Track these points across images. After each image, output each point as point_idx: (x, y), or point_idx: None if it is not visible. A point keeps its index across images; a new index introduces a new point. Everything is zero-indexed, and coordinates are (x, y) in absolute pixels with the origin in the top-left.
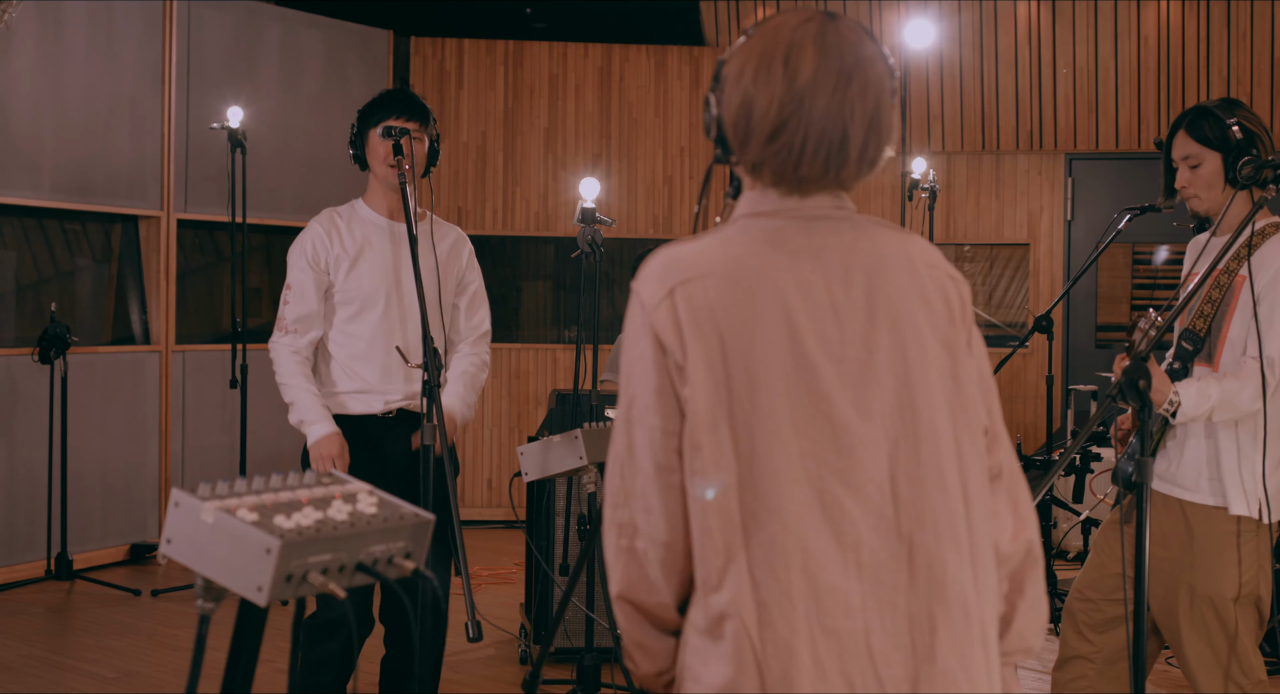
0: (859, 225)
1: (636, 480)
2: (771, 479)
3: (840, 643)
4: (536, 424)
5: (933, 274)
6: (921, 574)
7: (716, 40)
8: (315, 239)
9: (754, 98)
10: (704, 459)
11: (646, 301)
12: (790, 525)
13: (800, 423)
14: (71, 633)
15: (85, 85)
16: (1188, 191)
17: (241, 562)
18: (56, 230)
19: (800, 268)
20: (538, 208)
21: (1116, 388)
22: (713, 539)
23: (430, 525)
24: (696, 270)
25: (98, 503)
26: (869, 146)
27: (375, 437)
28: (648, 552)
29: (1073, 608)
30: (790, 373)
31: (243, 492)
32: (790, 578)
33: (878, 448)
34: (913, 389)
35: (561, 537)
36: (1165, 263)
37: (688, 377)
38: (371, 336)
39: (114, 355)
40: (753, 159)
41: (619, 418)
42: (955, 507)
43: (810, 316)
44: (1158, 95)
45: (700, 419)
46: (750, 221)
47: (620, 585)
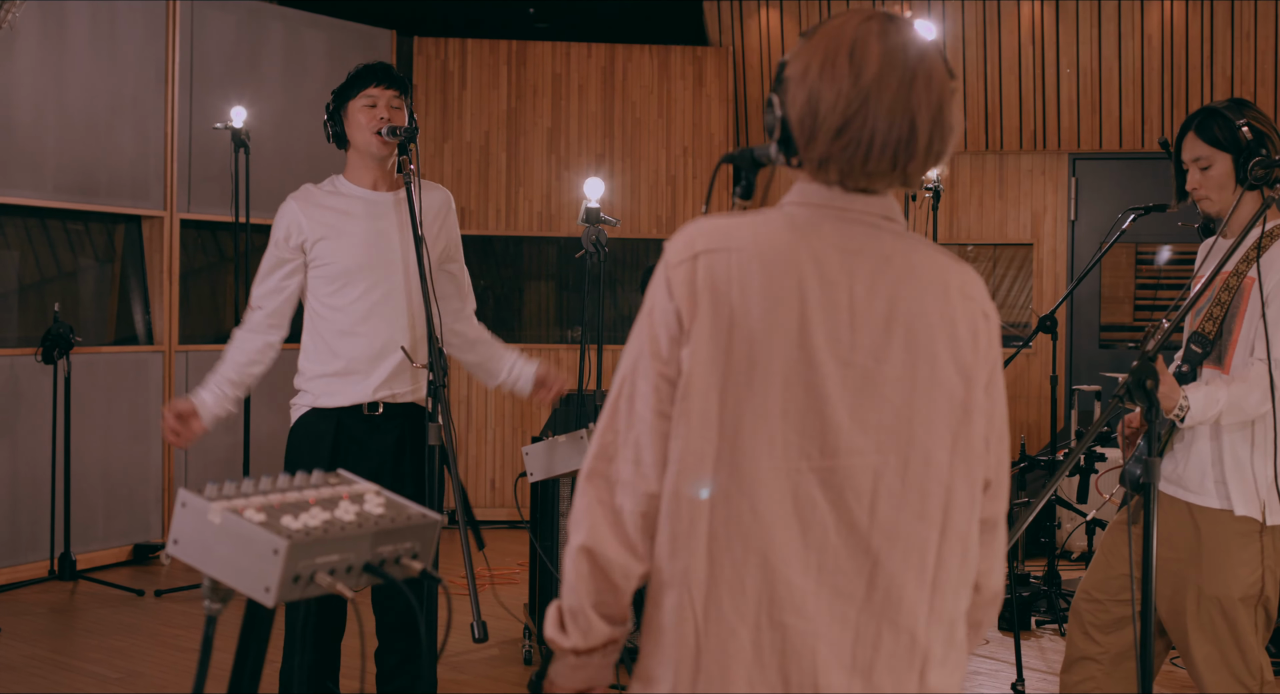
0: (902, 239)
1: (633, 430)
2: (750, 460)
3: (786, 639)
4: (540, 424)
5: (967, 305)
6: (879, 594)
7: (720, 40)
8: (289, 217)
9: (820, 93)
10: (690, 425)
11: (670, 260)
12: (759, 510)
13: (791, 413)
14: (75, 633)
15: (88, 85)
16: (1199, 193)
17: (249, 562)
18: (59, 230)
19: (828, 264)
20: (541, 208)
21: (1124, 388)
22: (679, 505)
23: (438, 526)
24: (725, 243)
25: (100, 503)
26: (934, 140)
27: (356, 432)
28: (626, 505)
29: (1079, 609)
30: (792, 363)
31: (250, 492)
32: (747, 561)
33: (865, 459)
34: (914, 410)
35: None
36: (1168, 263)
37: (690, 337)
38: (356, 312)
39: (117, 355)
40: (819, 155)
41: (622, 370)
42: (929, 536)
43: (825, 313)
44: (1161, 95)
45: (694, 384)
46: (794, 209)
47: (586, 536)
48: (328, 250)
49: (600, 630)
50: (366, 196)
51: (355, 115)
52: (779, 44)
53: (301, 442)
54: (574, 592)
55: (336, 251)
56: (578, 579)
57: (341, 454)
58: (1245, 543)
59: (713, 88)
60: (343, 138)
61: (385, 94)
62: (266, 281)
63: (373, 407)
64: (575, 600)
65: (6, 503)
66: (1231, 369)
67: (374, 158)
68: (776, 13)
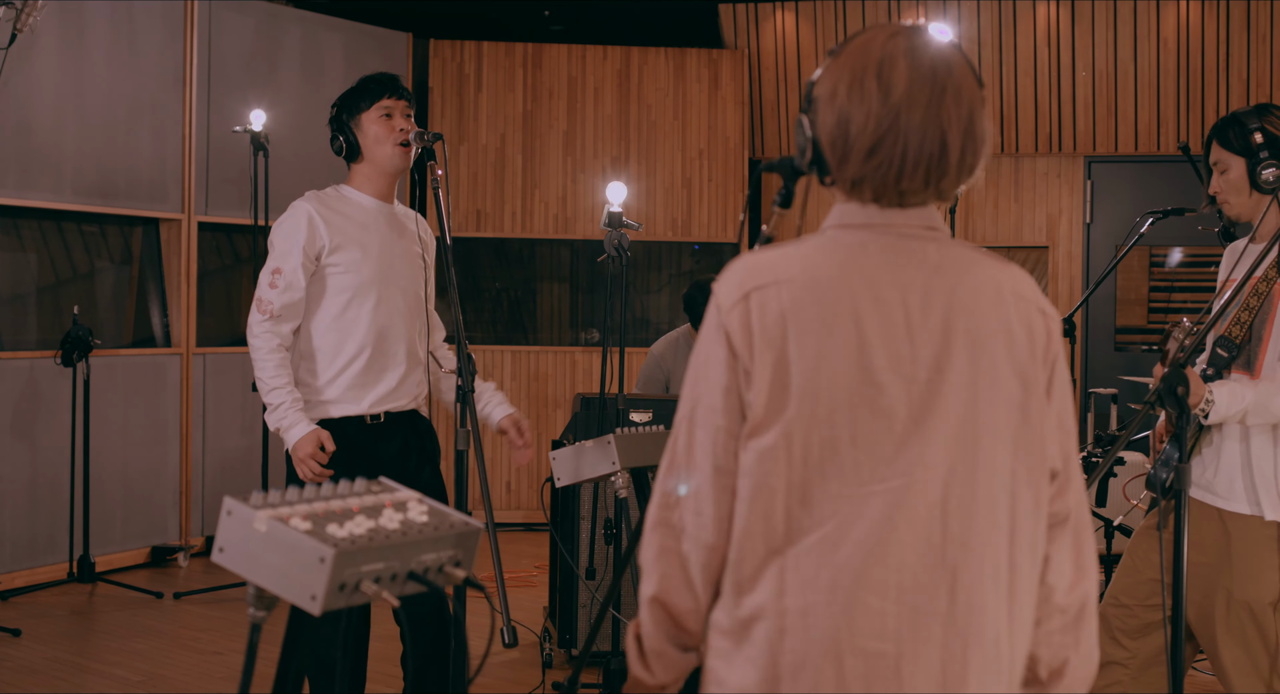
0: (948, 247)
1: (692, 480)
2: (822, 490)
3: (868, 663)
4: (555, 426)
5: (1021, 305)
6: (961, 606)
7: (735, 43)
8: (310, 220)
9: (850, 115)
10: (759, 463)
11: (722, 304)
12: (834, 539)
13: (859, 438)
14: (95, 635)
15: (107, 88)
16: (1220, 197)
17: (295, 570)
18: (77, 233)
19: (879, 284)
20: (557, 210)
21: (1155, 394)
22: (753, 542)
23: (479, 534)
24: (774, 276)
25: (118, 505)
26: (966, 154)
27: (361, 442)
28: (691, 554)
29: (1107, 614)
30: (855, 387)
31: (294, 500)
32: (827, 591)
33: (934, 472)
34: (978, 418)
35: (587, 540)
36: (1180, 265)
37: (753, 381)
38: (365, 326)
39: (135, 358)
40: (852, 176)
41: (681, 418)
42: (1000, 542)
43: (883, 333)
44: (1177, 98)
45: (758, 422)
46: (838, 233)
47: (657, 587)
48: (344, 261)
49: (684, 663)
50: (377, 207)
51: (370, 127)
52: (794, 47)
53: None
54: (652, 636)
55: (353, 263)
56: (655, 627)
57: (354, 465)
58: (1275, 548)
59: (728, 90)
60: (355, 149)
61: (399, 105)
62: (291, 290)
63: (375, 416)
64: (658, 644)
65: (25, 505)
66: (1262, 374)
67: (393, 170)
68: (792, 15)
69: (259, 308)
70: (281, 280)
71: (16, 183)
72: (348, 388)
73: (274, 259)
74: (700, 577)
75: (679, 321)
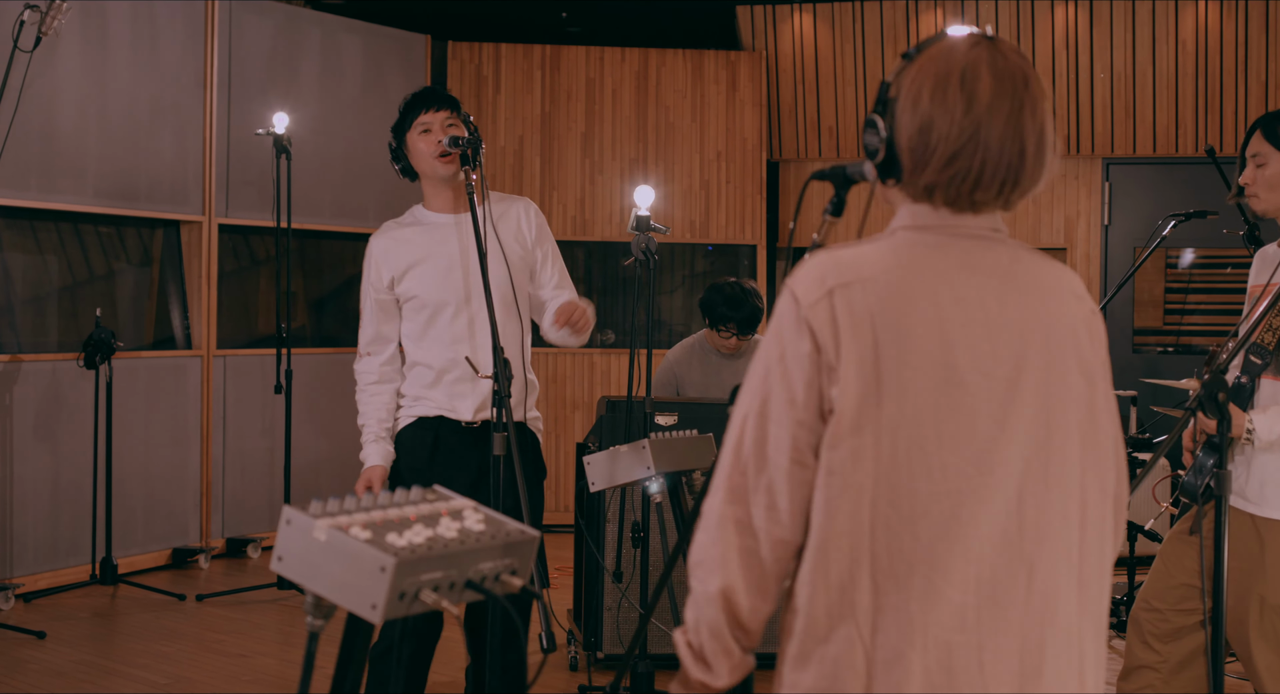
0: (1014, 249)
1: (764, 475)
2: (909, 488)
3: (953, 656)
4: (575, 428)
5: (1079, 306)
6: (1037, 597)
7: (753, 44)
8: (376, 256)
9: (933, 121)
10: (845, 460)
11: (803, 299)
12: (921, 536)
13: (944, 435)
14: (120, 638)
15: (129, 90)
16: (1250, 189)
17: (355, 579)
18: (99, 235)
19: (958, 283)
20: (575, 212)
21: (1196, 400)
22: (839, 541)
23: (535, 542)
24: (857, 275)
25: (140, 507)
26: (1038, 166)
27: (455, 444)
28: (762, 550)
29: (1138, 618)
30: (939, 385)
31: (353, 509)
32: (912, 587)
33: (1013, 468)
34: (1051, 413)
35: (614, 542)
36: (1196, 266)
37: (838, 377)
38: (449, 340)
39: (156, 360)
40: (926, 182)
41: (748, 413)
42: (1072, 535)
43: (964, 332)
44: (1195, 100)
45: (845, 420)
46: (911, 234)
47: (725, 582)
48: (415, 284)
49: (746, 664)
50: (446, 221)
51: (414, 145)
52: (812, 48)
53: (401, 449)
54: (719, 635)
55: (422, 284)
56: (719, 623)
57: (439, 464)
58: None
59: (746, 92)
60: (411, 171)
61: (437, 117)
62: (370, 327)
63: (470, 422)
64: (724, 643)
65: (48, 507)
66: None
67: (442, 180)
68: (810, 17)
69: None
70: (364, 319)
71: (39, 186)
72: (441, 395)
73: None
74: (773, 571)
75: (694, 323)
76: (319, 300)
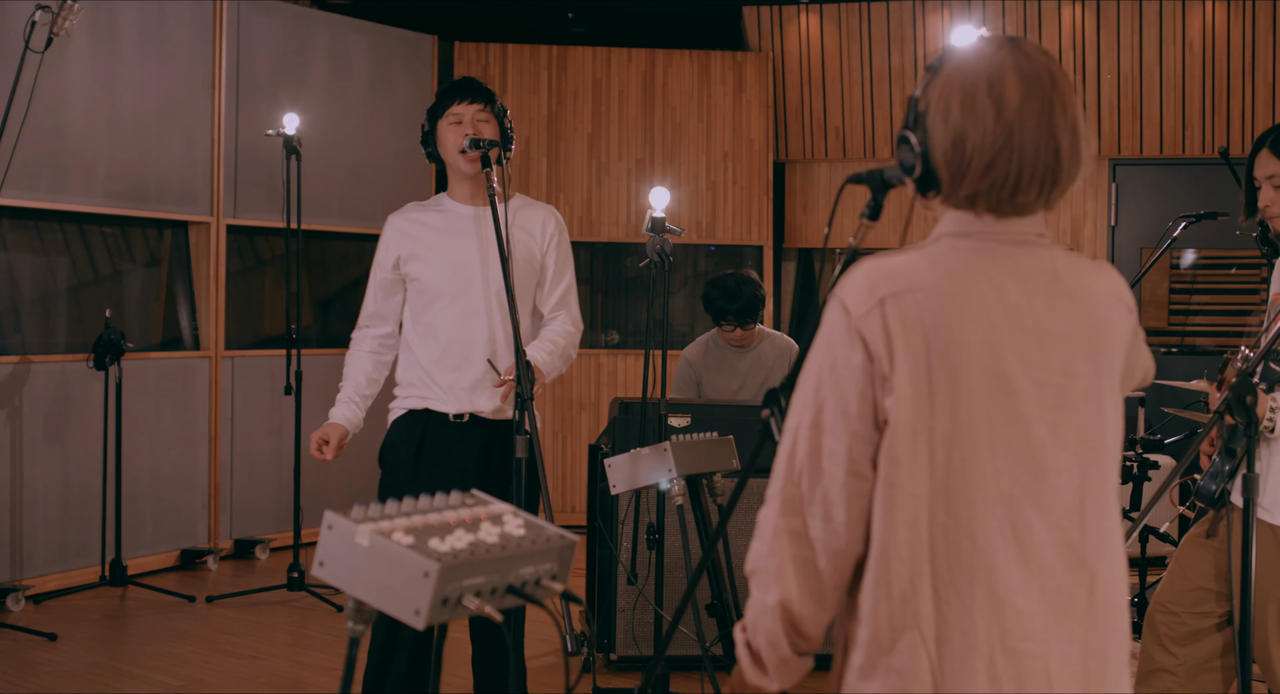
0: (1058, 253)
1: (819, 487)
2: (965, 496)
3: (1020, 664)
4: (581, 429)
5: (1120, 308)
6: (1100, 604)
7: (759, 45)
8: (389, 234)
9: (966, 132)
10: (900, 471)
11: (853, 308)
12: (979, 544)
13: (997, 443)
14: (132, 640)
15: (138, 91)
16: (1272, 211)
17: (399, 585)
18: (107, 235)
19: (1006, 290)
20: (581, 213)
21: (1224, 404)
22: (900, 551)
23: (575, 547)
24: (907, 284)
25: (149, 509)
26: (1075, 162)
27: (441, 438)
28: (821, 561)
29: (1155, 621)
30: (991, 393)
31: (393, 514)
32: (974, 595)
33: (1069, 474)
34: (1104, 419)
35: (629, 545)
36: (1200, 267)
37: (892, 387)
38: (442, 330)
39: (165, 361)
40: (967, 192)
41: (801, 425)
42: (1120, 539)
43: (1014, 338)
44: (1202, 101)
45: (901, 431)
46: (957, 241)
47: (783, 594)
48: (419, 268)
49: (803, 668)
50: (466, 211)
51: (444, 134)
52: (819, 49)
53: (392, 443)
54: (776, 645)
55: (425, 268)
56: (777, 634)
57: (425, 457)
58: None
59: (752, 93)
60: (437, 157)
61: (470, 109)
62: (371, 302)
63: (458, 415)
64: (781, 651)
65: (57, 509)
66: None
67: (465, 174)
68: (816, 18)
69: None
70: (368, 292)
71: (49, 186)
72: (427, 385)
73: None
74: (831, 581)
75: (696, 322)
76: (324, 301)
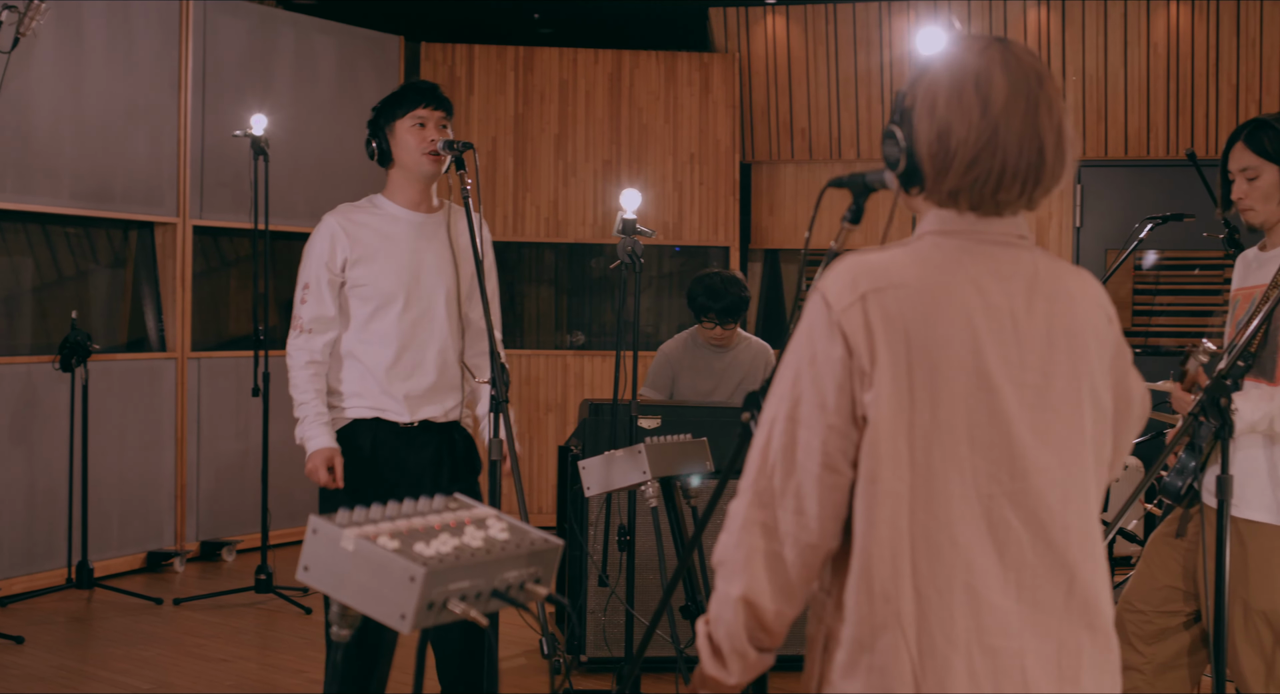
0: (1039, 255)
1: (792, 479)
2: (944, 494)
3: (996, 661)
4: (549, 430)
5: (1099, 313)
6: (1077, 602)
7: (725, 47)
8: (332, 235)
9: (951, 127)
10: (882, 467)
11: (834, 303)
12: (959, 541)
13: (977, 441)
14: (98, 642)
15: (104, 91)
16: (1244, 203)
17: (384, 589)
18: (73, 236)
19: (987, 289)
20: (548, 214)
21: (1199, 406)
22: (881, 549)
23: (559, 550)
24: (889, 280)
25: (115, 511)
26: (1059, 163)
27: (392, 446)
28: (789, 554)
29: (1122, 619)
30: (971, 391)
31: (378, 518)
32: (953, 593)
33: (1052, 475)
34: (1082, 421)
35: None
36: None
37: (872, 382)
38: (393, 337)
39: (131, 362)
40: (950, 187)
41: (777, 417)
42: (1100, 540)
43: (994, 338)
44: (1167, 103)
45: (882, 427)
46: (939, 239)
47: (748, 586)
48: (367, 272)
49: (762, 663)
50: (408, 217)
51: (403, 135)
52: (785, 50)
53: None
54: (735, 636)
55: (375, 273)
56: (738, 626)
57: (379, 466)
58: None
59: (719, 94)
60: (387, 155)
61: (434, 115)
62: (315, 305)
63: (408, 423)
64: (738, 644)
65: (24, 511)
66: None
67: (423, 178)
68: (782, 19)
69: (293, 324)
70: (309, 295)
71: (14, 187)
72: (378, 394)
73: (302, 275)
74: (798, 576)
75: (661, 323)
76: (289, 302)
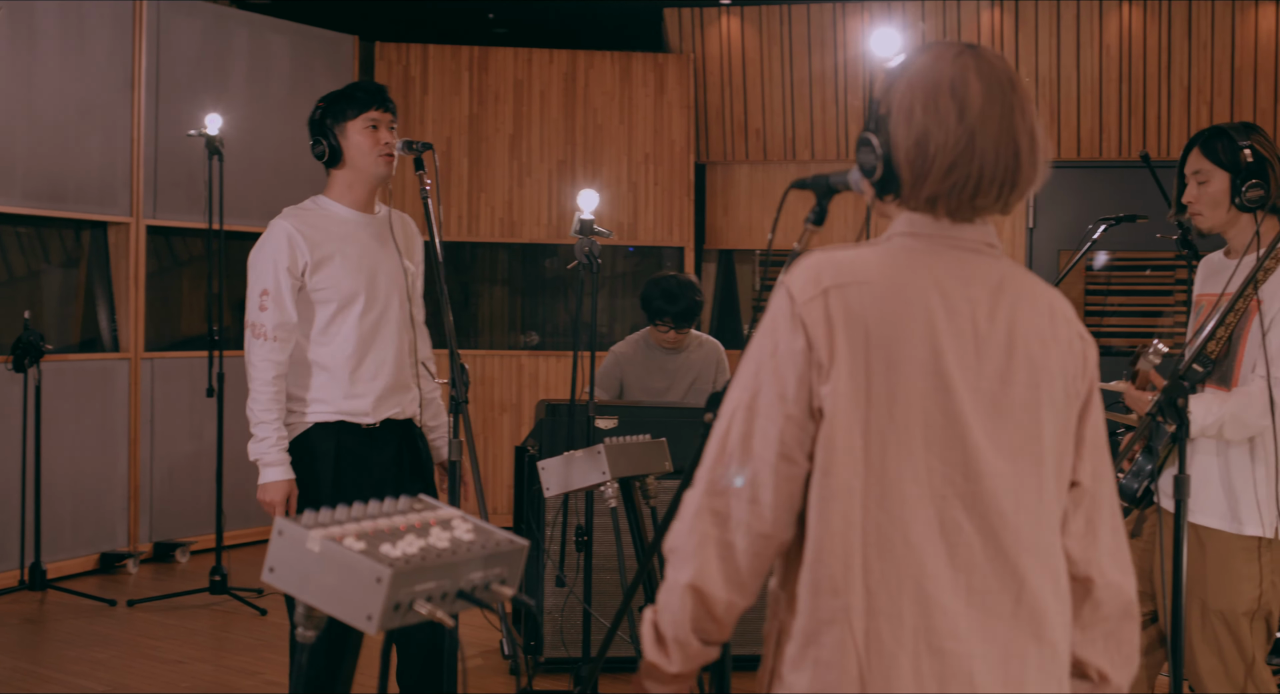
0: (1005, 265)
1: (747, 469)
2: (897, 492)
3: (944, 664)
4: (503, 430)
5: (1067, 328)
6: (1025, 610)
7: (680, 47)
8: (290, 240)
9: (929, 134)
10: (836, 459)
11: (798, 296)
12: (911, 540)
13: (932, 441)
14: (52, 644)
15: (57, 90)
16: (1193, 207)
17: (350, 591)
18: (25, 236)
19: (950, 293)
20: (503, 214)
21: (1156, 407)
22: (833, 544)
23: (524, 551)
24: (853, 276)
25: (68, 512)
26: (1033, 166)
27: (353, 447)
28: (740, 543)
29: None
30: (929, 392)
31: (343, 519)
32: (903, 592)
33: (1005, 481)
34: (1040, 430)
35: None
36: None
37: (829, 376)
38: (354, 338)
39: (84, 363)
40: (927, 193)
41: (736, 406)
42: (1058, 552)
43: (954, 341)
44: (1119, 104)
45: (838, 420)
46: (908, 240)
47: (694, 575)
48: (328, 275)
49: (704, 655)
50: (356, 217)
51: (356, 137)
52: (739, 51)
53: (302, 456)
54: (679, 624)
55: (336, 276)
56: (683, 614)
57: (344, 469)
58: (1248, 558)
59: (674, 95)
60: (337, 156)
61: (385, 117)
62: (277, 312)
63: (370, 424)
64: (681, 632)
65: None
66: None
67: (375, 179)
68: (737, 20)
69: (253, 332)
70: (270, 302)
71: None
72: (341, 399)
73: (258, 281)
74: (748, 566)
75: (615, 324)
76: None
